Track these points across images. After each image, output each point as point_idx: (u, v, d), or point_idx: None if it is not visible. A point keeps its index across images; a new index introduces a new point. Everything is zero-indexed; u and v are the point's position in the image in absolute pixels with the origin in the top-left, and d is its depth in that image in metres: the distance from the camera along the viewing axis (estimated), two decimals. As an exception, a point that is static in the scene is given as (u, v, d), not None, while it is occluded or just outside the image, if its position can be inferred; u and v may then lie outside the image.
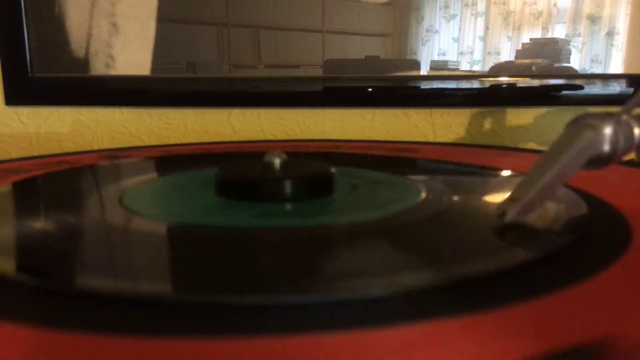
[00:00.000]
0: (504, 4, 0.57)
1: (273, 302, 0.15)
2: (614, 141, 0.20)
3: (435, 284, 0.16)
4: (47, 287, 0.16)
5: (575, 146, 0.19)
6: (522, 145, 0.57)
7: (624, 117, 0.20)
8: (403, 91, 0.58)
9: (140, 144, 0.57)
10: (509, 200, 0.20)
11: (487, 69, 0.58)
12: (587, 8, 0.56)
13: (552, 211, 0.24)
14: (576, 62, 0.57)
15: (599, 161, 0.20)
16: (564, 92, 0.56)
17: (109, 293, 0.16)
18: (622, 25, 0.56)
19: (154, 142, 0.58)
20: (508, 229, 0.21)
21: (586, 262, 0.18)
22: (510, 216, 0.20)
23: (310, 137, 0.58)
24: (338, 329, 0.13)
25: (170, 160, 0.43)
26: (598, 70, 0.56)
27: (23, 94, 0.56)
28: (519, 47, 0.57)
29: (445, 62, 0.58)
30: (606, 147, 0.20)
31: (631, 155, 0.22)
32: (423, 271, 0.18)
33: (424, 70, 0.58)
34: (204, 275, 0.18)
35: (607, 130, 0.20)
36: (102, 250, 0.21)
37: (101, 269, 0.19)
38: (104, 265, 0.19)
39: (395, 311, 0.14)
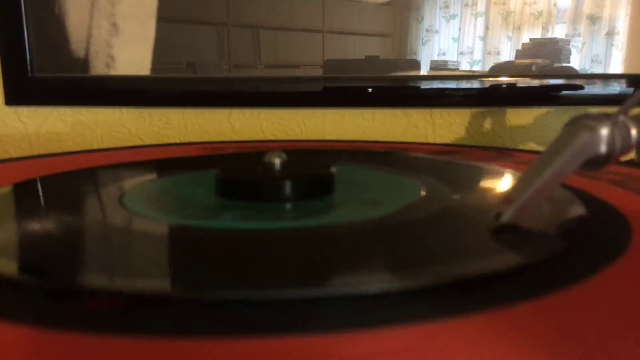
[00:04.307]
0: (504, 4, 0.57)
1: (273, 298, 0.15)
2: (611, 142, 0.20)
3: (433, 285, 0.16)
4: (48, 287, 0.17)
5: (571, 147, 0.19)
6: (522, 146, 0.57)
7: (621, 118, 0.20)
8: (403, 91, 0.58)
9: (140, 143, 0.57)
10: (505, 201, 0.20)
11: (487, 69, 0.58)
12: (587, 8, 0.56)
13: (549, 212, 0.24)
14: (576, 62, 0.56)
15: (597, 162, 0.20)
16: (564, 92, 0.56)
17: (109, 293, 0.16)
18: (622, 25, 0.56)
19: (153, 142, 0.58)
20: (505, 230, 0.21)
21: (586, 262, 0.18)
22: (507, 217, 0.20)
23: (310, 137, 0.58)
24: (338, 329, 0.13)
25: (170, 161, 0.43)
26: (598, 70, 0.56)
27: (23, 94, 0.56)
28: (519, 47, 0.57)
29: (445, 62, 0.58)
30: (603, 148, 0.20)
31: (631, 155, 0.22)
32: (421, 272, 0.18)
33: (424, 70, 0.58)
34: (204, 275, 0.18)
35: (604, 132, 0.20)
36: (101, 251, 0.21)
37: (102, 269, 0.19)
38: (104, 266, 0.19)
39: (394, 311, 0.14)
